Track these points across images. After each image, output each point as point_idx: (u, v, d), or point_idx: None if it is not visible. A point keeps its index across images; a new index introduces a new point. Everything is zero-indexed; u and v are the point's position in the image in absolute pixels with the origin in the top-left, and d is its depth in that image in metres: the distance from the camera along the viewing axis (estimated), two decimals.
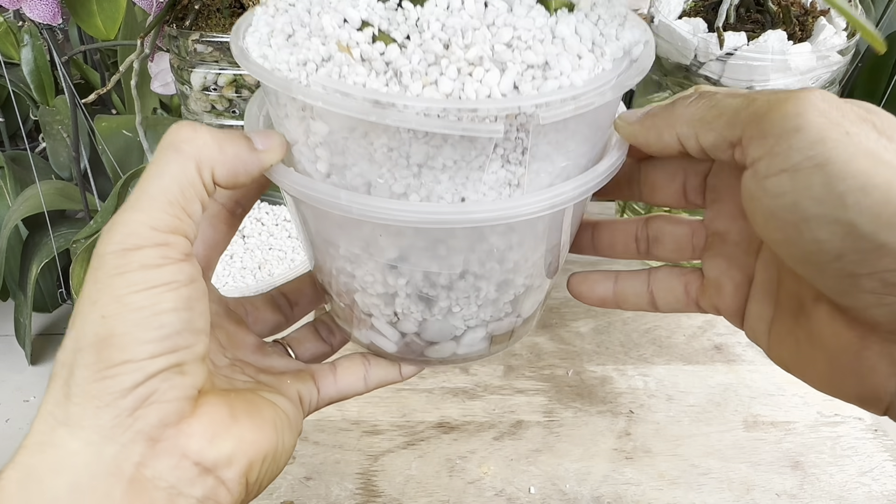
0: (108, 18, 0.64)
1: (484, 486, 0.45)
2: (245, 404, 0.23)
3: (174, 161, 0.21)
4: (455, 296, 0.25)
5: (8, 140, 1.18)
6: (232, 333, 0.28)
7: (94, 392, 0.20)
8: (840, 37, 0.52)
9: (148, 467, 0.20)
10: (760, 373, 0.54)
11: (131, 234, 0.20)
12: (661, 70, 0.57)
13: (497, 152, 0.21)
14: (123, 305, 0.20)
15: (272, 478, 0.24)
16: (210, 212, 0.27)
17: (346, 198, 0.22)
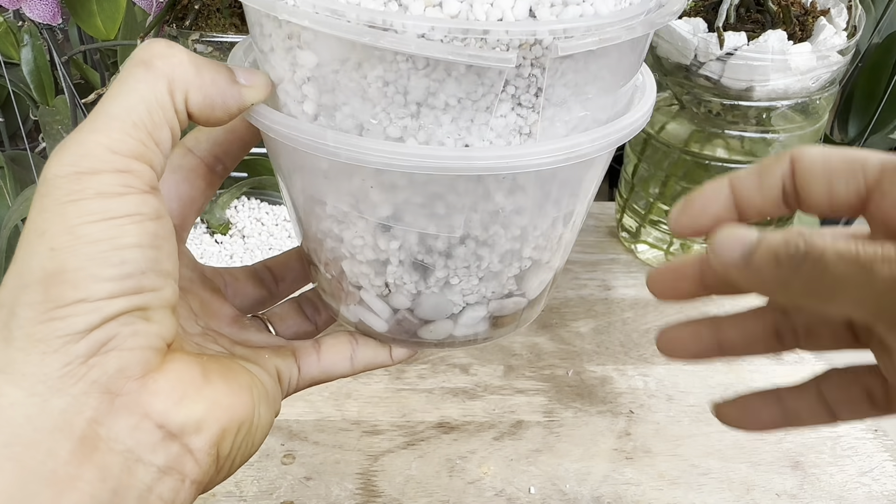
0: (108, 18, 0.64)
1: (484, 486, 0.45)
2: (219, 367, 0.21)
3: (143, 79, 0.18)
4: (454, 265, 0.23)
5: (8, 140, 1.18)
6: (206, 301, 0.25)
7: (41, 335, 0.17)
8: (840, 37, 0.52)
9: (103, 425, 0.17)
10: (761, 373, 0.54)
11: (86, 155, 0.17)
12: (661, 70, 0.57)
13: (507, 91, 0.19)
14: (77, 237, 0.17)
15: (245, 456, 0.21)
16: (188, 165, 0.24)
17: (333, 139, 0.19)
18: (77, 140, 0.18)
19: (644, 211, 0.64)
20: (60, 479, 0.17)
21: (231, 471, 0.21)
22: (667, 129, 0.60)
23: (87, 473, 0.17)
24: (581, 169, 0.22)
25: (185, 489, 0.19)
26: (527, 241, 0.23)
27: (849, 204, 0.19)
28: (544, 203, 0.22)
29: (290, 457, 0.46)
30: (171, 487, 0.18)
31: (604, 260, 0.66)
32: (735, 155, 0.57)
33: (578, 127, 0.21)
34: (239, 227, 0.63)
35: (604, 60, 0.20)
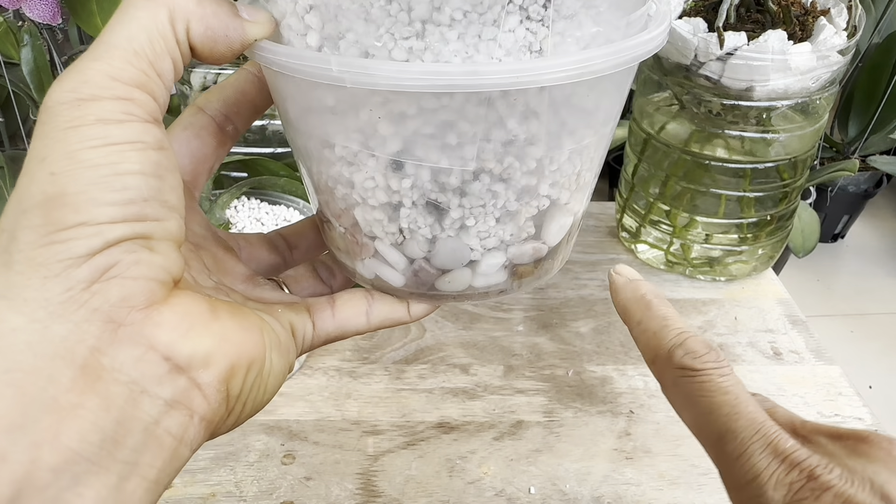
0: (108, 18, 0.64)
1: (484, 486, 0.45)
2: (229, 307, 0.20)
3: (144, 7, 0.18)
4: (469, 203, 0.22)
5: (8, 140, 1.18)
6: (219, 259, 0.24)
7: (41, 259, 0.16)
8: (840, 37, 0.52)
9: (106, 355, 0.17)
10: (760, 373, 0.54)
11: (87, 82, 0.17)
12: (661, 70, 0.57)
13: (515, 2, 0.18)
14: (77, 162, 0.17)
15: (256, 403, 0.21)
16: (199, 123, 0.24)
17: (337, 64, 0.19)
18: (78, 68, 0.17)
19: (644, 211, 0.64)
20: (62, 407, 0.16)
21: (241, 416, 0.20)
22: (667, 129, 0.60)
23: (90, 402, 0.16)
24: (596, 93, 0.22)
25: (195, 425, 0.18)
26: (543, 175, 0.22)
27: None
28: (559, 132, 0.22)
29: (290, 457, 0.46)
30: (179, 422, 0.18)
31: (604, 260, 0.66)
32: (735, 155, 0.57)
33: (591, 45, 0.20)
34: (239, 227, 0.63)
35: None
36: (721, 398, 0.21)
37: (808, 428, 0.22)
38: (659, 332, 0.23)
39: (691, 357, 0.22)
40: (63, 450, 0.16)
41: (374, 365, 0.54)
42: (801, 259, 1.28)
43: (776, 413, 0.23)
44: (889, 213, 1.75)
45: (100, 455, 0.16)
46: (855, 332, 1.40)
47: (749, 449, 0.20)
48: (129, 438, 0.17)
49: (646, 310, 0.24)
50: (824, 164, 1.42)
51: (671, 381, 0.23)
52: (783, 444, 0.20)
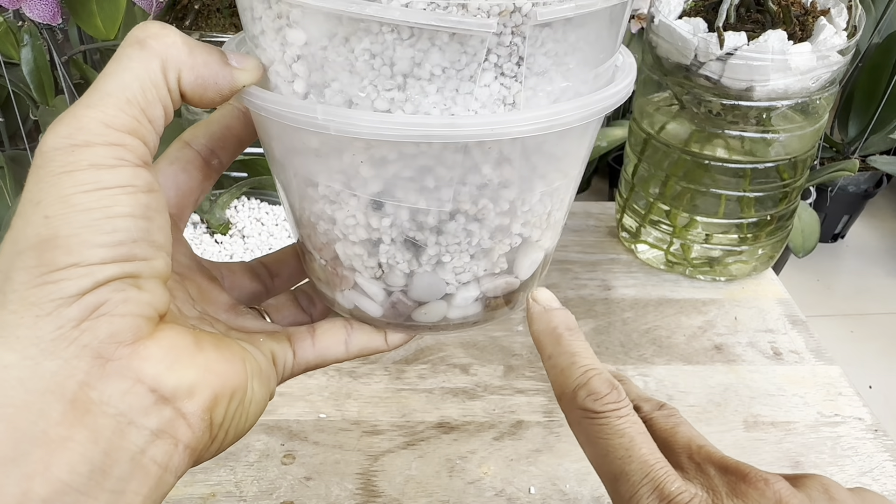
0: (108, 18, 0.64)
1: (484, 486, 0.45)
2: (213, 338, 0.21)
3: (137, 58, 0.19)
4: (445, 241, 0.23)
5: (8, 140, 1.18)
6: (204, 289, 0.25)
7: (34, 298, 0.17)
8: (840, 37, 0.52)
9: (94, 389, 0.17)
10: (760, 373, 0.54)
11: (81, 128, 0.18)
12: (661, 70, 0.57)
13: (490, 60, 0.20)
14: (70, 206, 0.17)
15: (238, 430, 0.21)
16: (185, 157, 0.25)
17: (323, 112, 0.20)
18: (73, 114, 0.18)
19: (644, 211, 0.64)
20: (51, 440, 0.17)
21: (224, 443, 0.21)
22: (667, 129, 0.60)
23: (79, 435, 0.17)
24: (565, 141, 0.23)
25: (179, 453, 0.19)
26: (516, 216, 0.23)
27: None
28: (531, 176, 0.23)
29: (290, 457, 0.46)
30: (164, 451, 0.19)
31: (604, 260, 0.66)
32: (735, 155, 0.57)
33: (561, 98, 0.21)
34: (239, 227, 0.63)
35: (581, 31, 0.21)
36: (617, 441, 0.22)
37: (702, 455, 0.23)
38: (566, 369, 0.24)
39: (592, 399, 0.23)
40: (54, 481, 0.17)
41: (374, 365, 0.54)
42: (801, 259, 1.28)
43: (677, 434, 0.24)
44: (889, 213, 1.75)
45: (88, 485, 0.17)
46: (855, 332, 1.40)
47: (639, 492, 0.21)
48: (117, 468, 0.18)
49: (556, 344, 0.25)
50: (824, 164, 1.42)
51: (575, 420, 0.24)
52: (668, 486, 0.21)
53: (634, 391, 0.27)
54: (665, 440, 0.24)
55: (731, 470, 0.22)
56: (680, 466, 0.23)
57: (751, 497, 0.21)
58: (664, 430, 0.25)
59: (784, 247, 0.66)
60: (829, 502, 0.22)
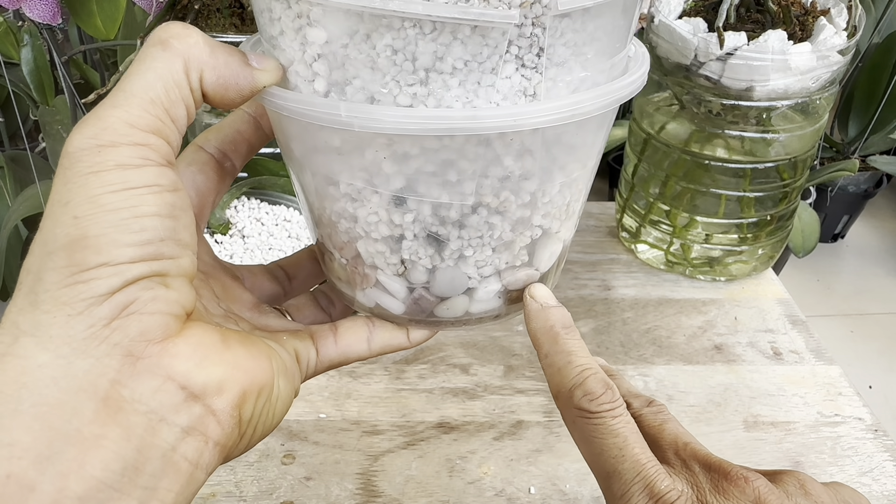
0: (108, 18, 0.64)
1: (484, 486, 0.45)
2: (239, 336, 0.21)
3: (160, 58, 0.19)
4: (467, 235, 0.23)
5: (8, 140, 1.18)
6: (228, 287, 0.26)
7: (66, 298, 0.17)
8: (840, 37, 0.52)
9: (126, 387, 0.18)
10: (760, 373, 0.54)
11: (106, 128, 0.18)
12: (661, 70, 0.57)
13: (511, 52, 0.20)
14: (99, 206, 0.18)
15: (266, 427, 0.22)
16: (200, 160, 0.26)
17: (346, 109, 0.20)
18: (98, 115, 0.18)
19: (644, 211, 0.64)
20: (85, 438, 0.17)
21: (252, 440, 0.21)
22: (667, 129, 0.60)
23: (112, 432, 0.17)
24: (583, 132, 0.23)
25: (209, 450, 0.19)
26: (536, 207, 0.24)
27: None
28: (551, 167, 0.23)
29: (290, 457, 0.46)
30: (194, 447, 0.19)
31: (604, 260, 0.66)
32: (735, 155, 0.57)
33: (580, 88, 0.22)
34: (239, 226, 0.63)
35: (599, 21, 0.21)
36: (611, 440, 0.23)
37: (688, 452, 0.24)
38: (563, 368, 0.24)
39: (588, 399, 0.23)
40: (88, 479, 0.17)
41: (374, 365, 0.54)
42: (801, 259, 1.28)
43: (664, 431, 0.25)
44: (889, 213, 1.75)
45: (122, 482, 0.17)
46: (855, 332, 1.39)
47: (630, 489, 0.22)
48: (149, 465, 0.18)
49: (553, 343, 0.25)
50: (824, 164, 1.42)
51: (571, 419, 0.24)
52: (658, 485, 0.22)
53: (625, 386, 0.28)
54: (653, 436, 0.25)
55: (714, 467, 0.23)
56: (667, 462, 0.24)
57: (732, 494, 0.22)
58: (652, 427, 0.25)
59: (784, 247, 0.66)
60: (805, 497, 0.22)
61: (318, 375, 0.26)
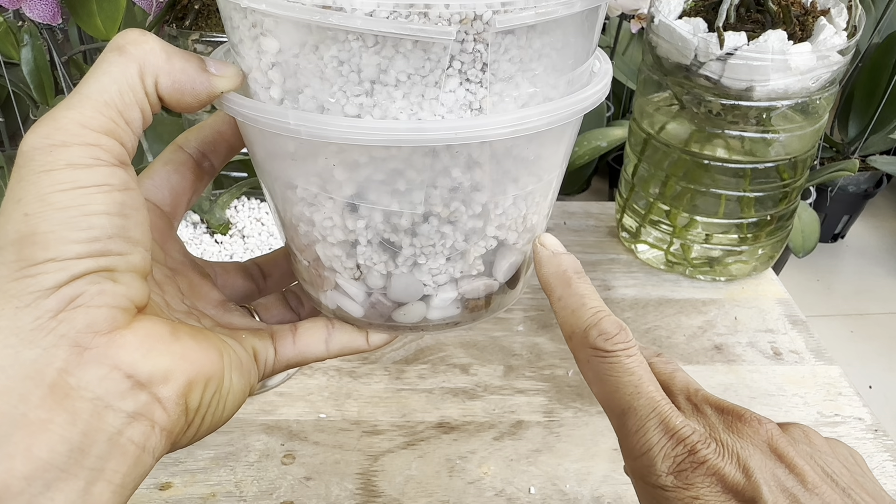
0: (108, 18, 0.64)
1: (484, 486, 0.45)
2: (190, 329, 0.22)
3: (116, 63, 0.20)
4: (419, 243, 0.24)
5: (8, 140, 1.18)
6: (195, 284, 0.26)
7: (14, 291, 0.18)
8: (840, 37, 0.52)
9: (72, 375, 0.18)
10: (760, 373, 0.54)
11: (59, 129, 0.19)
12: (661, 70, 0.57)
13: (454, 66, 0.20)
14: (48, 204, 0.18)
15: (216, 419, 0.22)
16: (178, 160, 0.27)
17: (294, 118, 0.21)
18: (52, 116, 0.19)
19: (644, 211, 0.64)
20: (31, 422, 0.18)
21: (201, 429, 0.22)
22: (667, 129, 0.60)
23: (58, 417, 0.18)
24: (537, 146, 0.23)
25: (156, 435, 0.20)
26: (489, 218, 0.24)
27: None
28: (502, 180, 0.23)
29: (290, 457, 0.46)
30: (141, 432, 0.20)
31: (604, 260, 0.66)
32: (735, 155, 0.57)
33: (529, 103, 0.22)
34: (239, 227, 0.63)
35: (547, 38, 0.21)
36: (626, 378, 0.24)
37: (700, 397, 0.25)
38: (577, 310, 0.25)
39: (603, 339, 0.24)
40: (34, 459, 0.18)
41: (374, 365, 0.54)
42: (801, 259, 1.28)
43: (675, 378, 0.26)
44: (889, 213, 1.75)
45: (68, 463, 0.18)
46: (855, 332, 1.39)
47: (646, 425, 0.23)
48: (95, 448, 0.19)
49: (566, 286, 0.25)
50: (824, 164, 1.42)
51: (585, 358, 0.25)
52: (673, 421, 0.23)
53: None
54: (664, 383, 0.26)
55: (727, 410, 0.24)
56: (679, 407, 0.24)
57: (745, 433, 0.23)
58: (663, 374, 0.26)
59: (784, 247, 0.66)
60: (809, 445, 0.24)
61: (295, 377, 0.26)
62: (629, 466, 0.24)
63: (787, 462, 0.22)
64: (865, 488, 0.23)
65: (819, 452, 0.24)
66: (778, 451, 0.23)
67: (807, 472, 0.22)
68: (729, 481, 0.22)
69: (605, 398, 0.24)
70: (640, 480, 0.23)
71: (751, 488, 0.21)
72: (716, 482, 0.22)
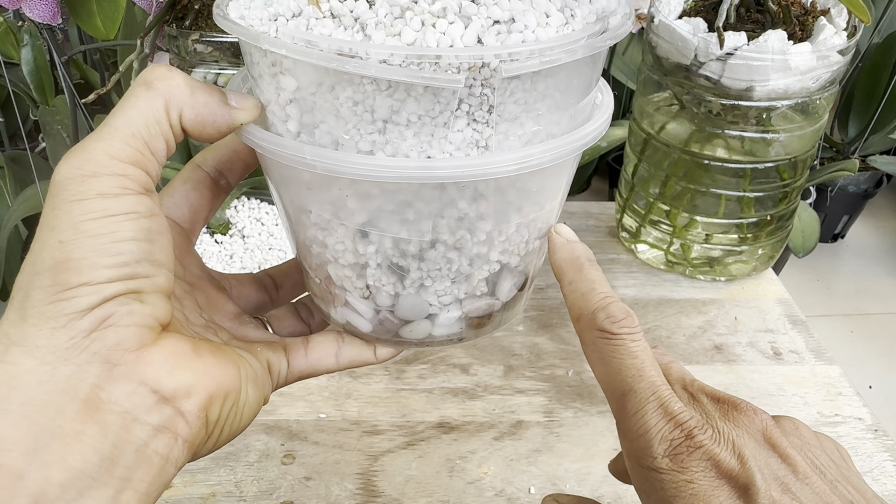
0: (108, 18, 0.64)
1: (484, 486, 0.45)
2: (210, 346, 0.23)
3: (143, 97, 0.21)
4: (426, 267, 0.25)
5: (8, 140, 1.18)
6: (212, 298, 0.28)
7: (50, 313, 0.20)
8: (840, 37, 0.52)
9: (104, 390, 0.20)
10: (760, 373, 0.54)
11: (89, 160, 0.20)
12: (661, 70, 0.57)
13: (462, 108, 0.21)
14: (81, 232, 0.20)
15: (233, 429, 0.24)
16: (196, 178, 0.28)
17: (311, 153, 0.22)
18: (84, 147, 0.21)
19: (644, 211, 0.64)
20: (67, 434, 0.19)
21: (220, 440, 0.23)
22: (667, 129, 0.60)
23: (90, 429, 0.19)
24: (539, 179, 0.25)
25: (178, 446, 0.21)
26: (493, 245, 0.25)
27: None
28: (506, 209, 0.24)
29: (290, 457, 0.46)
30: (165, 444, 0.21)
31: (604, 260, 0.66)
32: (735, 155, 0.57)
33: (532, 141, 0.23)
34: (239, 226, 0.63)
35: (551, 80, 0.22)
36: (629, 361, 0.24)
37: (696, 387, 0.25)
38: (587, 293, 0.26)
39: (610, 321, 0.25)
40: (69, 469, 0.19)
41: (374, 365, 0.54)
42: (801, 259, 1.28)
43: (671, 369, 0.26)
44: (889, 213, 1.75)
45: (99, 472, 0.19)
46: (855, 332, 1.39)
47: (645, 407, 0.23)
48: (123, 458, 0.20)
49: (578, 271, 0.26)
50: (824, 164, 1.42)
51: (590, 340, 0.25)
52: (672, 405, 0.23)
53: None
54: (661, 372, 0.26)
55: (724, 400, 0.25)
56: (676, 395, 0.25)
57: (741, 422, 0.24)
58: (660, 365, 0.26)
59: (784, 247, 0.66)
60: (798, 437, 0.25)
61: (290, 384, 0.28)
62: (625, 448, 0.25)
63: (780, 452, 0.23)
64: (851, 482, 0.23)
65: (808, 445, 0.24)
66: (772, 441, 0.23)
67: (798, 463, 0.23)
68: (724, 467, 0.22)
69: (607, 380, 0.25)
70: (636, 462, 0.24)
71: (745, 475, 0.22)
72: (710, 467, 0.22)
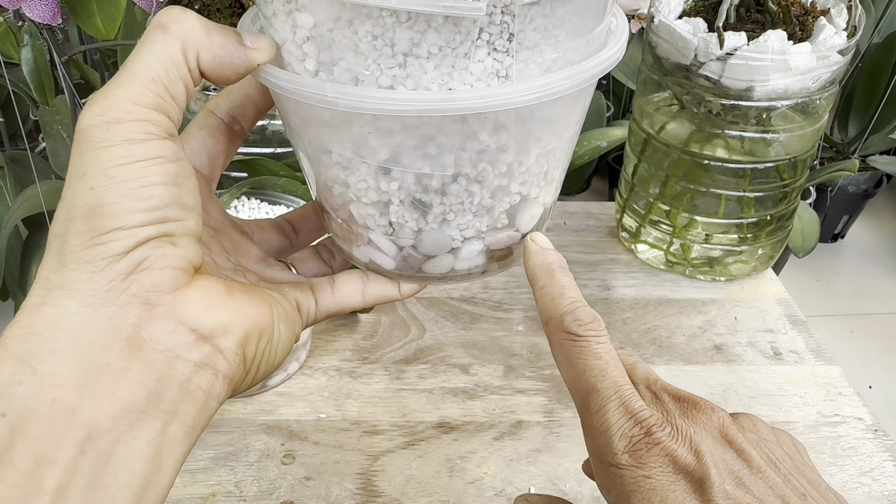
0: (108, 18, 0.64)
1: (484, 486, 0.45)
2: (242, 286, 0.24)
3: (160, 40, 0.21)
4: (449, 202, 0.25)
5: (8, 140, 1.18)
6: (237, 242, 0.28)
7: (88, 258, 0.20)
8: (840, 37, 0.52)
9: (145, 329, 0.21)
10: (760, 373, 0.54)
11: (112, 107, 0.20)
12: (661, 70, 0.57)
13: (483, 38, 0.21)
14: (111, 178, 0.20)
15: (268, 366, 0.25)
16: (211, 124, 0.28)
17: (332, 91, 0.22)
18: (105, 94, 0.21)
19: (644, 211, 0.64)
20: (114, 370, 0.20)
21: (257, 376, 0.24)
22: (667, 129, 0.60)
23: (135, 366, 0.20)
24: (559, 107, 0.25)
25: (219, 382, 0.22)
26: (514, 176, 0.25)
27: None
28: (526, 140, 0.24)
29: (290, 457, 0.46)
30: (206, 379, 0.22)
31: (604, 260, 0.66)
32: (735, 155, 0.57)
33: (552, 68, 0.23)
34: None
35: (570, 5, 0.22)
36: (593, 362, 0.25)
37: (659, 386, 0.26)
38: (556, 298, 0.26)
39: (577, 324, 0.25)
40: (119, 402, 0.20)
41: (374, 365, 0.54)
42: (801, 259, 1.28)
43: (636, 369, 0.27)
44: (889, 213, 1.75)
45: (147, 406, 0.20)
46: (855, 332, 1.40)
47: (607, 405, 0.24)
48: (168, 393, 0.21)
49: (549, 277, 0.27)
50: (824, 164, 1.42)
51: (558, 341, 0.26)
52: (633, 403, 0.24)
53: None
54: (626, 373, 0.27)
55: (684, 398, 0.25)
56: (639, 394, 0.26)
57: (699, 420, 0.24)
58: (625, 364, 0.27)
59: (784, 247, 0.66)
60: (755, 433, 0.26)
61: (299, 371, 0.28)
62: (588, 445, 0.25)
63: (735, 447, 0.24)
64: (805, 475, 0.24)
65: (765, 441, 0.25)
66: (728, 437, 0.24)
67: (753, 457, 0.23)
68: (680, 462, 0.23)
69: (572, 379, 0.26)
70: (598, 459, 0.25)
71: (700, 469, 0.23)
72: (668, 462, 0.23)
